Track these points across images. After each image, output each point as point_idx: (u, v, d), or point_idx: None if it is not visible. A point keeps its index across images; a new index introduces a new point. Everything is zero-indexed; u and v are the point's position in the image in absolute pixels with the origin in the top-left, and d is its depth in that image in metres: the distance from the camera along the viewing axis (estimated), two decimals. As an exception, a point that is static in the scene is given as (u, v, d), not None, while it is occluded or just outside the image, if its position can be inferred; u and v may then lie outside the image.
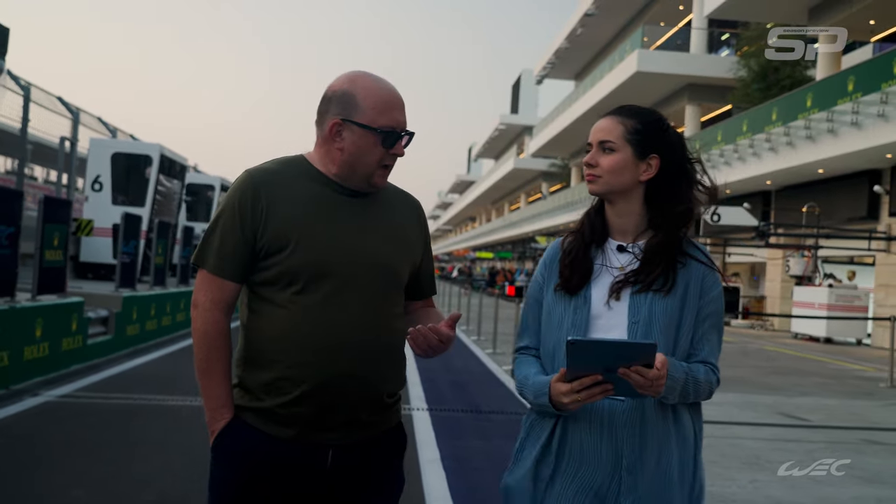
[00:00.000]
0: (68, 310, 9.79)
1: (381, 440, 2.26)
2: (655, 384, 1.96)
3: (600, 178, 2.20)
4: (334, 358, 2.12)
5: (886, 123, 17.39)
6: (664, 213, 2.20)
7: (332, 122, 2.19)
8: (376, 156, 2.18)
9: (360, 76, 2.23)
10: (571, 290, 2.19)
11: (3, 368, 8.04)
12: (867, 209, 21.15)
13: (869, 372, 14.42)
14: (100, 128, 17.47)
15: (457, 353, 14.19)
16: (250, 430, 2.16)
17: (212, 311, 2.18)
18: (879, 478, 6.42)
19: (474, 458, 6.40)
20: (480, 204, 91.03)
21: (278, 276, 2.15)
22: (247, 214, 2.16)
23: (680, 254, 2.17)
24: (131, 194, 16.46)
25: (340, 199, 2.22)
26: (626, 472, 2.07)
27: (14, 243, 8.32)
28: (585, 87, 41.94)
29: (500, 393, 9.94)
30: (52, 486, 5.14)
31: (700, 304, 2.15)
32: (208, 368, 2.18)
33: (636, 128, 2.19)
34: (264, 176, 2.20)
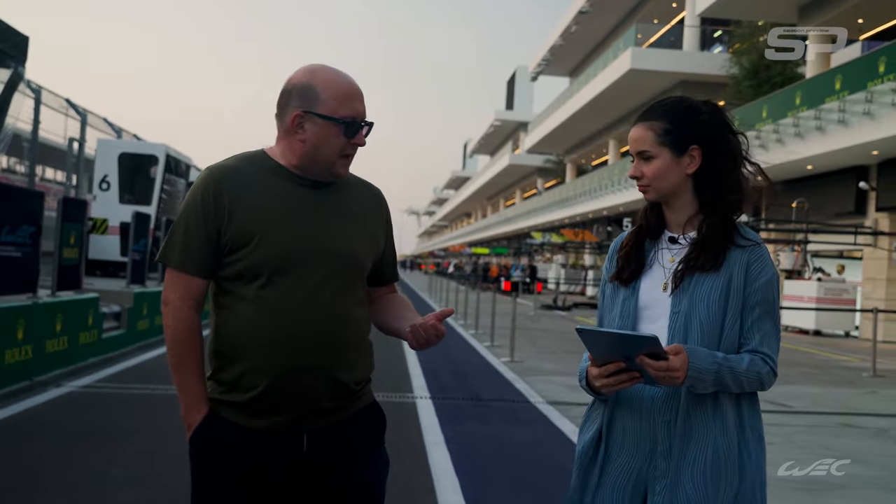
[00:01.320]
0: (85, 305, 10.24)
1: (356, 419, 2.30)
2: (669, 375, 2.00)
3: (650, 187, 2.24)
4: (299, 349, 2.16)
5: (872, 121, 17.87)
6: (714, 198, 2.21)
7: (293, 115, 2.22)
8: (338, 146, 2.22)
9: (320, 68, 2.26)
10: (624, 281, 2.26)
11: (28, 361, 8.50)
12: (855, 205, 21.64)
13: (854, 362, 14.90)
14: (106, 128, 17.90)
15: (456, 346, 14.68)
16: (224, 423, 2.20)
17: (181, 308, 2.22)
18: (851, 457, 6.87)
19: (476, 441, 6.87)
20: (476, 200, 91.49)
21: (243, 270, 2.18)
22: (209, 211, 2.19)
23: (728, 237, 2.18)
24: (138, 193, 16.90)
25: (302, 192, 2.25)
26: (661, 457, 2.13)
27: (36, 242, 8.77)
28: (580, 84, 42.35)
29: (499, 382, 10.41)
30: (89, 467, 5.60)
31: (746, 293, 2.14)
32: (181, 364, 2.23)
33: (666, 128, 2.20)
34: (225, 172, 2.23)
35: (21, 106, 10.27)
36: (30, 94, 12.12)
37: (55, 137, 17.37)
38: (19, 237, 8.17)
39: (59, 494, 4.86)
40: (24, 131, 12.03)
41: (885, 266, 20.58)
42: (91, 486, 5.08)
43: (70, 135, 15.27)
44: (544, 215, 49.53)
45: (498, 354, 13.27)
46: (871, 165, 21.12)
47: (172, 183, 17.90)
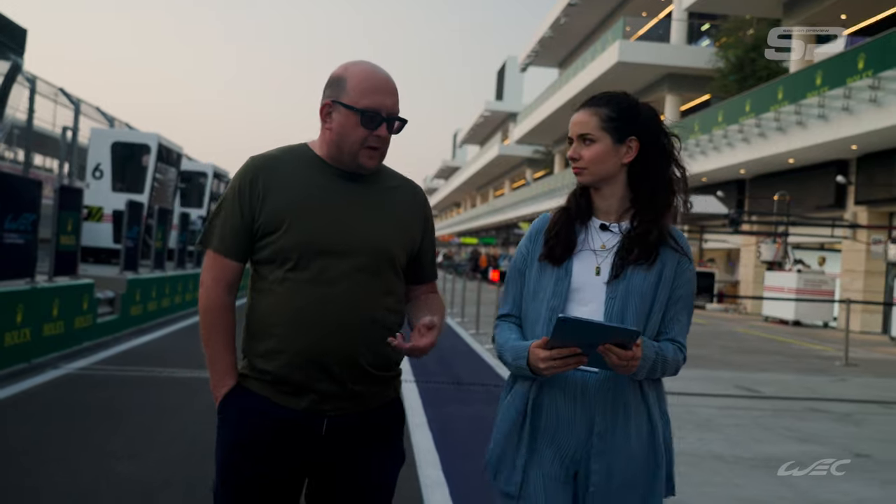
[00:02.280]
0: (80, 291, 10.55)
1: (377, 412, 2.36)
2: (629, 364, 2.10)
3: (586, 170, 2.31)
4: (320, 332, 2.24)
5: (850, 116, 18.27)
6: (648, 194, 2.31)
7: (323, 104, 2.32)
8: (358, 136, 2.27)
9: (356, 63, 2.34)
10: (555, 260, 2.31)
11: (26, 344, 8.81)
12: (835, 198, 22.07)
13: (828, 352, 15.32)
14: (98, 117, 18.15)
15: (442, 333, 15.00)
16: (251, 396, 2.30)
17: (214, 288, 2.33)
18: (813, 438, 7.28)
19: (456, 422, 7.24)
20: (465, 190, 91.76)
21: (273, 254, 2.27)
22: (245, 198, 2.29)
23: (647, 250, 2.27)
24: (130, 181, 17.18)
25: (336, 182, 2.32)
26: (598, 437, 2.22)
27: (35, 229, 9.06)
28: (568, 76, 42.67)
29: (481, 367, 10.78)
30: (89, 443, 5.93)
31: (673, 287, 2.28)
32: (211, 339, 2.34)
33: (610, 115, 2.29)
34: (264, 161, 2.34)
35: (20, 97, 10.53)
36: (25, 83, 12.39)
37: (46, 125, 17.64)
38: (21, 224, 8.48)
39: (61, 468, 5.19)
40: (17, 120, 12.29)
41: (864, 258, 21.02)
42: (91, 460, 5.41)
43: (60, 122, 15.51)
44: (533, 206, 49.86)
45: (482, 341, 13.64)
46: (850, 159, 21.55)
47: (164, 171, 18.18)
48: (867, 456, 6.67)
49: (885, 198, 20.25)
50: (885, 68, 17.16)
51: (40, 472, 5.07)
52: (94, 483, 4.89)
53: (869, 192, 20.86)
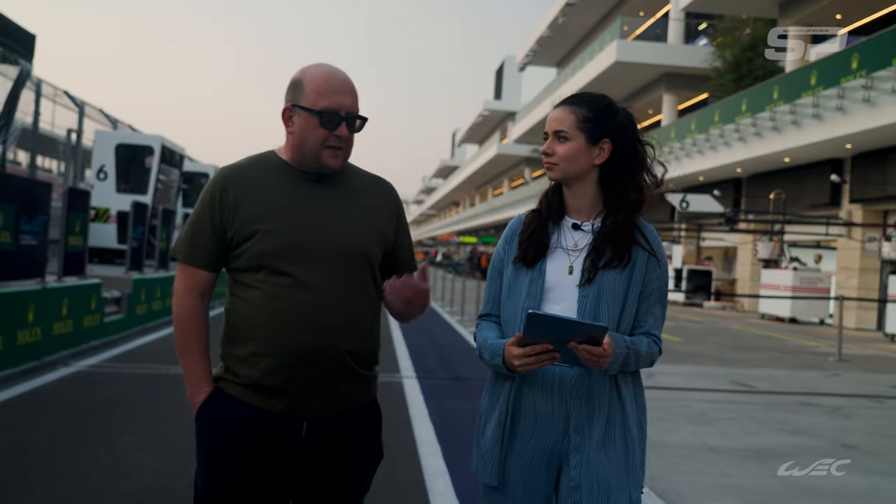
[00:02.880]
0: (88, 291, 10.77)
1: (355, 414, 2.40)
2: (600, 360, 2.16)
3: (557, 166, 2.36)
4: (301, 334, 2.26)
5: (844, 116, 18.51)
6: (617, 194, 2.36)
7: (284, 109, 2.36)
8: (318, 137, 2.30)
9: (314, 66, 2.38)
10: (528, 262, 2.36)
11: (37, 342, 9.03)
12: (830, 196, 22.31)
13: (822, 348, 15.55)
14: (102, 119, 18.36)
15: (442, 331, 15.29)
16: (230, 399, 2.33)
17: (185, 297, 2.38)
18: (803, 430, 7.51)
19: (457, 415, 7.47)
20: (464, 189, 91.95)
21: (248, 262, 2.31)
22: (216, 209, 2.33)
23: (619, 251, 2.32)
24: (134, 183, 17.41)
25: (305, 186, 2.36)
26: (574, 431, 2.27)
27: (46, 231, 9.29)
28: (567, 76, 42.90)
29: (479, 363, 10.97)
30: (104, 435, 6.17)
31: (645, 281, 2.33)
32: (185, 348, 2.39)
33: (587, 116, 2.33)
34: (233, 172, 2.37)
35: (28, 101, 10.76)
36: (30, 86, 12.61)
37: (45, 125, 17.85)
38: (34, 226, 8.71)
39: (77, 460, 5.42)
40: (26, 123, 12.50)
41: (858, 256, 21.26)
42: (106, 452, 5.63)
43: (60, 124, 15.70)
44: (531, 204, 48.87)
45: (482, 339, 13.84)
46: (845, 158, 21.78)
47: (167, 173, 18.41)
48: (854, 447, 6.91)
49: (879, 196, 20.49)
50: (879, 68, 17.39)
51: (58, 463, 5.30)
52: (110, 473, 5.12)
53: (863, 191, 21.10)
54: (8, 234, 8.40)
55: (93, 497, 4.66)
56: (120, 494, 4.71)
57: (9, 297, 8.46)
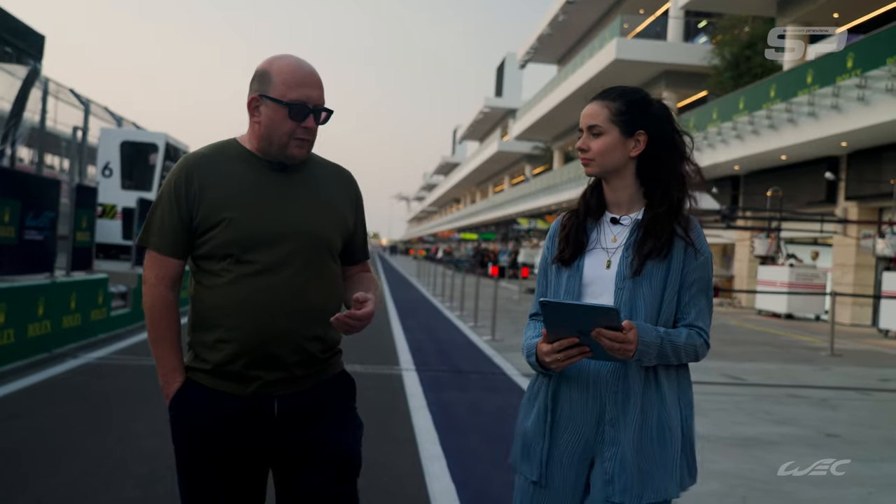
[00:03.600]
0: (96, 285, 11.03)
1: (326, 385, 2.45)
2: (624, 347, 2.13)
3: (593, 161, 2.35)
4: (264, 321, 2.31)
5: (839, 114, 18.73)
6: (658, 186, 2.35)
7: (250, 98, 2.38)
8: (286, 128, 2.34)
9: (280, 57, 2.40)
10: (566, 262, 2.38)
11: (47, 335, 9.30)
12: (826, 194, 22.54)
13: (816, 343, 15.78)
14: (106, 116, 18.63)
15: (442, 326, 15.54)
16: (200, 388, 2.37)
17: (157, 286, 2.39)
18: (789, 421, 7.76)
19: (454, 405, 7.72)
20: (465, 186, 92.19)
21: (213, 250, 2.35)
22: (181, 197, 2.35)
23: (662, 242, 2.30)
24: (139, 179, 17.69)
25: (268, 175, 2.39)
26: (609, 425, 2.27)
27: (54, 227, 9.56)
28: (567, 73, 43.11)
29: (478, 357, 11.26)
30: (115, 422, 6.43)
31: (685, 272, 2.31)
32: (157, 338, 2.41)
33: (620, 109, 2.33)
34: (198, 159, 2.40)
35: (36, 100, 11.00)
36: (37, 84, 12.87)
37: (50, 123, 18.12)
38: (41, 222, 8.97)
39: (92, 444, 5.68)
40: (34, 122, 12.75)
41: (854, 253, 21.49)
42: (119, 438, 5.90)
43: (61, 120, 15.98)
44: (532, 201, 50.31)
45: (480, 334, 14.12)
46: (841, 156, 22.01)
47: (171, 169, 18.68)
48: (837, 436, 7.16)
49: (874, 193, 20.71)
50: (873, 67, 17.60)
51: (74, 447, 5.56)
52: (123, 457, 5.38)
53: (859, 188, 21.32)
54: (12, 229, 8.65)
55: (110, 478, 4.92)
56: (134, 476, 4.97)
57: (20, 291, 8.71)
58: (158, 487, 4.76)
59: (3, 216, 8.28)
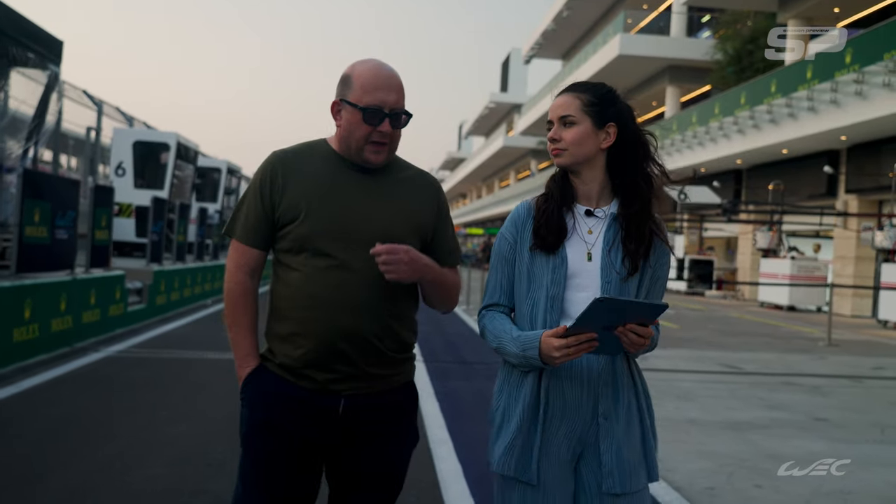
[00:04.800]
0: (113, 282, 11.43)
1: (391, 394, 2.48)
2: (645, 342, 2.19)
3: (566, 151, 2.36)
4: (336, 315, 2.36)
5: (838, 109, 19.05)
6: (628, 182, 2.38)
7: (333, 103, 2.45)
8: (363, 132, 2.38)
9: (363, 62, 2.45)
10: (548, 248, 2.35)
11: (69, 330, 9.69)
12: (826, 187, 22.87)
13: (815, 334, 16.11)
14: (118, 116, 19.04)
15: (448, 319, 15.91)
16: (271, 376, 2.44)
17: (236, 273, 2.47)
18: (780, 406, 8.11)
19: (461, 393, 8.10)
20: (471, 181, 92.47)
21: (292, 243, 2.40)
22: (266, 190, 2.43)
23: (644, 238, 2.36)
24: (151, 178, 18.09)
25: (350, 175, 2.44)
26: (603, 417, 2.31)
27: (75, 225, 9.94)
28: (571, 69, 43.40)
29: (484, 349, 11.61)
30: (140, 410, 6.82)
31: (655, 267, 2.39)
32: (234, 322, 2.48)
33: (591, 100, 2.35)
34: (284, 155, 2.48)
35: (56, 104, 11.38)
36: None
37: (72, 127, 18.52)
38: (66, 221, 9.36)
39: (120, 430, 6.06)
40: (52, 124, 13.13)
41: (854, 245, 21.81)
42: (145, 424, 6.29)
43: (71, 119, 16.34)
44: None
45: (486, 326, 14.47)
46: (841, 150, 22.33)
47: (182, 168, 19.09)
48: (825, 420, 7.51)
49: (873, 186, 21.02)
50: (872, 62, 17.91)
51: (105, 432, 5.95)
52: (152, 440, 5.77)
53: (859, 181, 21.64)
54: (45, 229, 9.05)
55: (143, 458, 5.31)
56: (164, 457, 5.36)
57: (44, 288, 9.11)
58: (187, 467, 5.14)
59: (36, 217, 8.67)
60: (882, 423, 7.46)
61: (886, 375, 10.81)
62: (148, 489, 4.72)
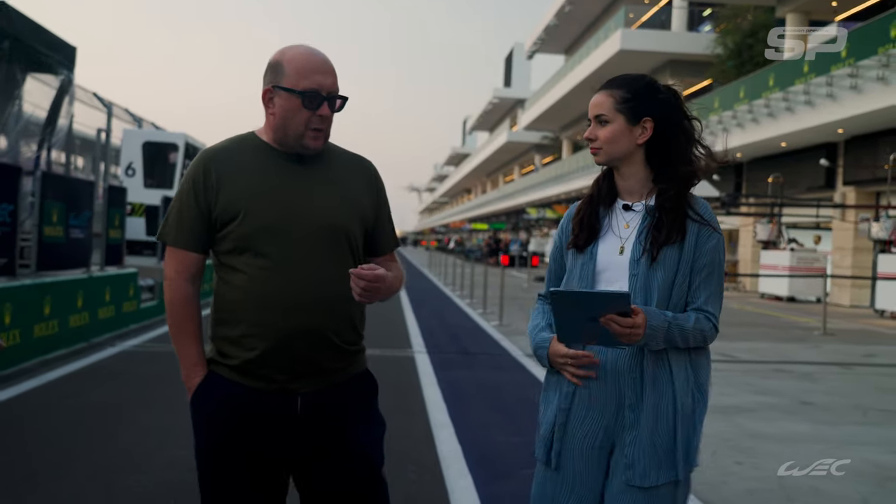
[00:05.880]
0: (127, 279, 11.82)
1: (349, 385, 2.43)
2: (633, 332, 2.17)
3: (601, 150, 2.37)
4: (288, 314, 2.29)
5: (834, 102, 19.35)
6: (667, 171, 2.36)
7: (264, 90, 2.35)
8: (302, 117, 2.31)
9: (292, 47, 2.37)
10: (580, 247, 2.40)
11: (86, 325, 10.08)
12: (825, 179, 23.18)
13: (812, 324, 16.42)
14: (127, 118, 19.40)
15: (452, 312, 16.30)
16: (224, 382, 2.35)
17: (176, 280, 2.38)
18: (769, 392, 8.46)
19: (462, 382, 8.46)
20: (475, 176, 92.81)
21: (234, 243, 2.32)
22: (199, 190, 2.33)
23: (676, 227, 2.31)
24: (160, 178, 18.48)
25: (286, 166, 2.36)
26: (629, 409, 2.31)
27: (90, 225, 10.33)
28: (573, 64, 43.70)
29: (486, 341, 12.01)
30: (161, 397, 7.21)
31: (695, 256, 2.32)
32: (178, 332, 2.39)
33: (625, 97, 2.34)
34: (216, 153, 2.38)
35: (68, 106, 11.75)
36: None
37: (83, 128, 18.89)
38: (81, 221, 9.75)
39: (146, 415, 6.45)
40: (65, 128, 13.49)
41: (852, 236, 22.11)
42: (167, 410, 6.66)
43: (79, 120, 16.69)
44: (542, 191, 50.91)
45: (489, 319, 14.86)
46: (838, 142, 22.63)
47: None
48: (811, 404, 7.86)
49: (871, 178, 21.32)
50: (867, 56, 18.19)
51: (128, 419, 6.35)
52: (172, 427, 6.13)
53: (856, 174, 21.94)
54: (60, 229, 9.44)
55: (163, 442, 5.69)
56: (184, 441, 5.70)
57: (62, 285, 9.49)
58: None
59: (52, 217, 9.06)
60: (866, 407, 7.80)
61: (877, 363, 11.13)
62: (170, 469, 5.09)
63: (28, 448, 5.53)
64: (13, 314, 8.01)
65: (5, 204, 7.95)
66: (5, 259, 7.74)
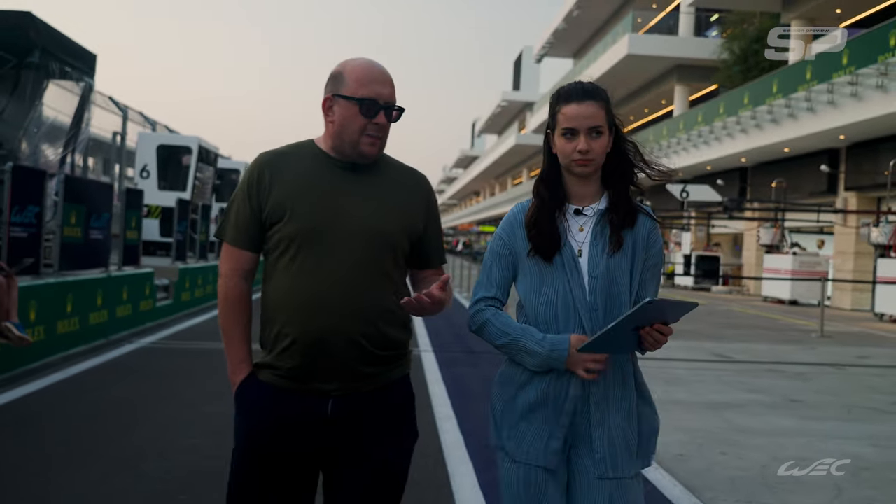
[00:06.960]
0: (143, 279, 12.22)
1: (384, 392, 2.45)
2: (665, 341, 2.26)
3: (593, 161, 2.36)
4: (319, 314, 2.33)
5: (835, 109, 19.69)
6: (616, 174, 2.42)
7: (324, 99, 2.44)
8: (358, 124, 2.37)
9: (354, 59, 2.46)
10: (545, 255, 2.39)
11: (105, 323, 10.48)
12: (827, 184, 23.49)
13: (811, 326, 16.73)
14: (141, 121, 19.83)
15: (458, 313, 16.61)
16: (262, 385, 2.42)
17: (230, 278, 2.46)
18: (760, 390, 8.80)
19: (466, 378, 8.84)
20: (484, 179, 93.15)
21: (278, 242, 2.39)
22: (254, 190, 2.42)
23: (630, 212, 2.39)
24: (174, 180, 18.90)
25: (338, 173, 2.43)
26: (595, 406, 2.36)
27: (109, 226, 10.74)
28: (581, 68, 44.09)
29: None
30: (179, 391, 7.60)
31: (647, 255, 2.41)
32: (228, 328, 2.47)
33: (607, 108, 2.37)
34: (271, 157, 2.47)
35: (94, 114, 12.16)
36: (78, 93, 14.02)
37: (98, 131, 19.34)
38: (100, 223, 10.17)
39: (167, 407, 6.85)
40: (99, 136, 13.90)
41: (853, 241, 22.41)
42: (186, 403, 7.06)
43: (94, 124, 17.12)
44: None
45: (494, 320, 15.19)
46: (840, 148, 22.95)
47: (203, 170, 19.89)
48: (800, 401, 8.20)
49: (871, 184, 21.63)
50: (867, 64, 18.52)
51: (151, 410, 6.74)
52: (193, 417, 6.53)
53: (857, 179, 22.26)
54: (79, 230, 9.86)
55: (182, 432, 6.08)
56: (203, 431, 6.12)
57: (82, 284, 9.89)
58: (224, 437, 5.89)
59: (72, 219, 9.48)
60: (852, 405, 8.14)
61: (870, 364, 11.45)
62: (191, 456, 5.48)
63: (56, 437, 5.92)
64: (38, 311, 8.42)
65: (31, 206, 8.36)
66: (31, 259, 8.13)
